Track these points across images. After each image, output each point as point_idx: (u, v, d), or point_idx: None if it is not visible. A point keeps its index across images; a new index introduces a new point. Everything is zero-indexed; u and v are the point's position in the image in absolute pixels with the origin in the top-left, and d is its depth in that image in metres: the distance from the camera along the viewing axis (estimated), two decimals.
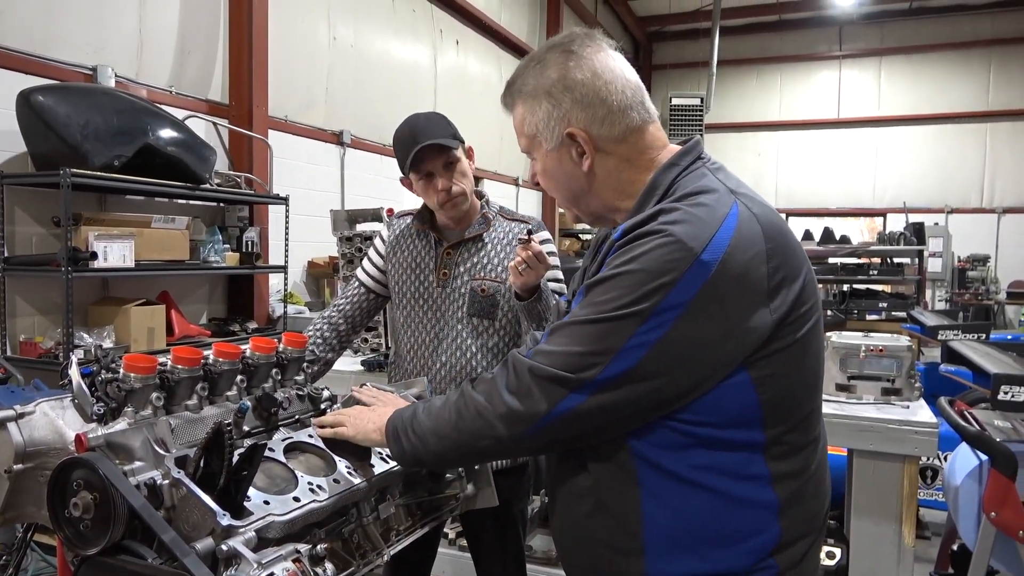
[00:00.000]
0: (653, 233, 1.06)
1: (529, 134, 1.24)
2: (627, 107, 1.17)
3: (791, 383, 1.10)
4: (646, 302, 1.03)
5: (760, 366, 1.06)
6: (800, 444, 1.14)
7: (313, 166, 5.98)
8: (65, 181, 3.36)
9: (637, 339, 1.03)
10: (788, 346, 1.08)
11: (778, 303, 1.06)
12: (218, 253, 4.45)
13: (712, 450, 1.08)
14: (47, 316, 3.87)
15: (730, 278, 1.03)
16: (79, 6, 4.02)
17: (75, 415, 1.22)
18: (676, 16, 13.02)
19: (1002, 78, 12.69)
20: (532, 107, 1.21)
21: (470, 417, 1.16)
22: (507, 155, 9.57)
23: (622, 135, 1.18)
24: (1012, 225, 12.59)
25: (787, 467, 1.11)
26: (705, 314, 1.03)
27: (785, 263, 1.08)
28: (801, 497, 1.14)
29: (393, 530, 1.47)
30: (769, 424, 1.09)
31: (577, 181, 1.22)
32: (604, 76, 1.17)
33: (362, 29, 6.53)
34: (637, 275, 1.04)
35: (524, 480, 2.10)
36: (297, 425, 1.49)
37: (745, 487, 1.09)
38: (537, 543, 3.16)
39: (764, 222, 1.09)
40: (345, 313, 2.13)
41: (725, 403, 1.07)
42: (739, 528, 1.10)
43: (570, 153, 1.19)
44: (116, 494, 1.03)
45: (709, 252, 1.03)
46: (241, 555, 0.99)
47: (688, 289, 1.02)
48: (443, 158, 1.94)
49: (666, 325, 1.02)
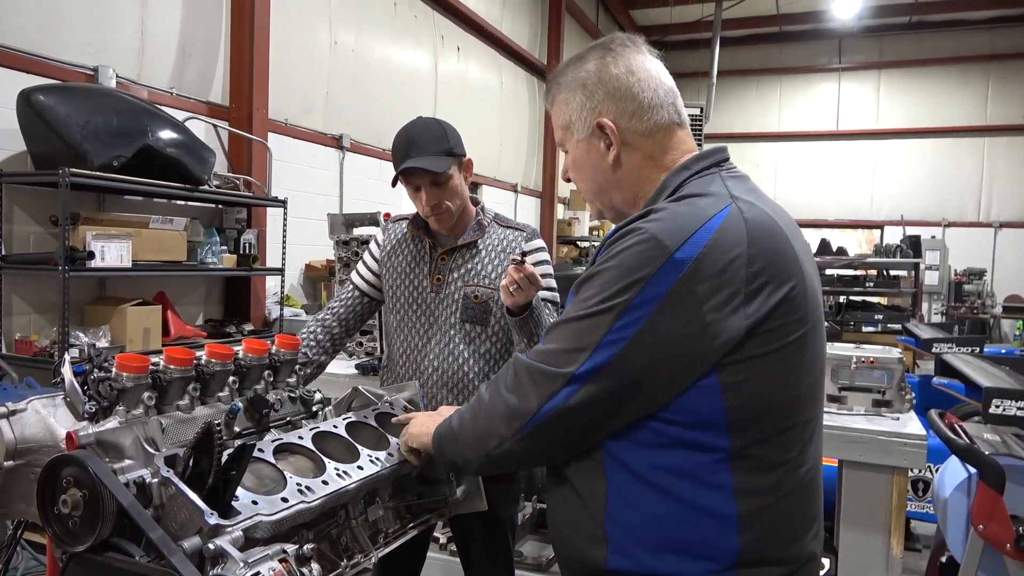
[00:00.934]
0: (634, 231, 1.10)
1: (564, 124, 1.28)
2: (657, 105, 1.22)
3: (766, 393, 1.09)
4: (620, 297, 1.06)
5: (732, 371, 1.06)
6: (774, 461, 1.11)
7: (312, 169, 6.00)
8: (64, 180, 3.37)
9: (613, 335, 1.06)
10: (764, 354, 1.07)
11: (754, 308, 1.05)
12: (215, 255, 4.46)
13: (678, 450, 1.09)
14: (43, 315, 3.88)
15: (704, 277, 1.04)
16: (81, 7, 4.04)
17: (67, 413, 1.24)
18: (677, 26, 13.08)
19: (1000, 93, 12.76)
20: (568, 98, 1.26)
21: (481, 418, 1.22)
22: (506, 161, 9.60)
23: (649, 131, 1.22)
24: (1009, 239, 12.64)
25: (755, 482, 1.09)
26: (678, 311, 1.04)
27: (769, 269, 1.07)
28: (768, 517, 1.10)
29: (382, 533, 1.48)
30: (735, 431, 1.07)
31: (603, 173, 1.26)
32: (638, 74, 1.22)
33: (363, 34, 6.56)
34: (614, 271, 1.08)
35: (513, 486, 2.11)
36: (288, 427, 1.50)
37: (706, 495, 1.08)
38: (528, 549, 3.17)
39: (754, 225, 1.09)
40: (339, 316, 2.15)
41: (694, 403, 1.07)
42: (696, 536, 1.09)
43: (599, 144, 1.24)
44: (105, 492, 1.04)
45: (684, 251, 1.05)
46: (228, 554, 1.00)
47: (661, 285, 1.04)
48: (431, 176, 1.95)
49: (640, 321, 1.05)
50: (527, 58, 9.91)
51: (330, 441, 1.42)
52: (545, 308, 1.97)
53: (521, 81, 10.02)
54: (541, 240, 2.14)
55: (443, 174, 1.95)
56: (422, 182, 1.95)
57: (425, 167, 1.91)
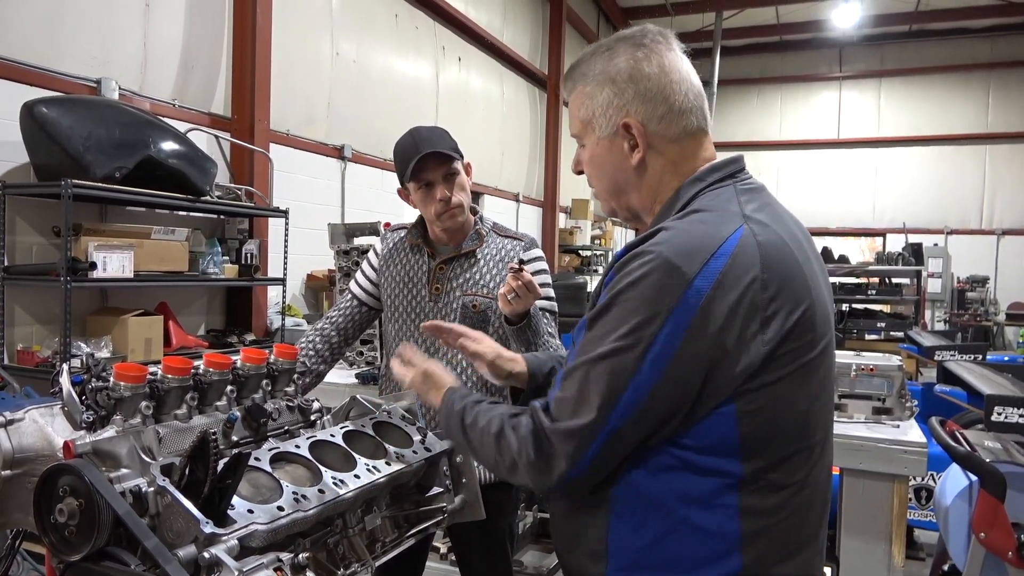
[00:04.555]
0: (645, 255, 1.05)
1: (584, 118, 1.22)
2: (688, 110, 1.17)
3: (778, 418, 1.07)
4: (643, 331, 1.03)
5: (748, 399, 1.04)
6: (780, 483, 1.09)
7: (314, 180, 6.03)
8: (66, 192, 3.39)
9: (642, 374, 1.03)
10: (778, 380, 1.05)
11: (771, 334, 1.04)
12: (217, 265, 4.48)
13: (687, 473, 1.08)
14: (45, 325, 3.89)
15: (723, 304, 1.01)
16: (84, 20, 4.08)
17: (64, 423, 1.24)
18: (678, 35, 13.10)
19: (1001, 100, 12.78)
20: (593, 91, 1.19)
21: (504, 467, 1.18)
22: (508, 171, 9.63)
23: (677, 137, 1.17)
24: (1011, 246, 12.63)
25: (760, 503, 1.08)
26: (702, 340, 1.01)
27: (782, 293, 1.05)
28: (769, 535, 1.09)
29: (379, 542, 1.48)
30: (747, 457, 1.06)
31: (623, 174, 1.20)
32: (671, 75, 1.17)
33: (365, 45, 6.60)
34: (632, 303, 1.04)
35: (512, 495, 2.11)
36: (286, 436, 1.50)
37: (710, 516, 1.07)
38: (528, 558, 3.16)
39: (767, 249, 1.06)
40: (337, 325, 2.15)
41: (709, 430, 1.06)
42: (698, 554, 1.08)
43: (622, 144, 1.18)
44: (101, 501, 1.04)
45: (702, 278, 1.02)
46: (223, 563, 1.00)
47: (684, 315, 1.01)
48: (444, 168, 1.96)
49: (668, 354, 1.02)
50: (528, 68, 9.95)
51: (327, 450, 1.42)
52: (543, 317, 1.97)
53: (522, 91, 10.06)
54: (540, 250, 2.15)
55: (455, 165, 1.97)
56: (436, 176, 1.96)
57: (442, 149, 1.93)
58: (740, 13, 11.84)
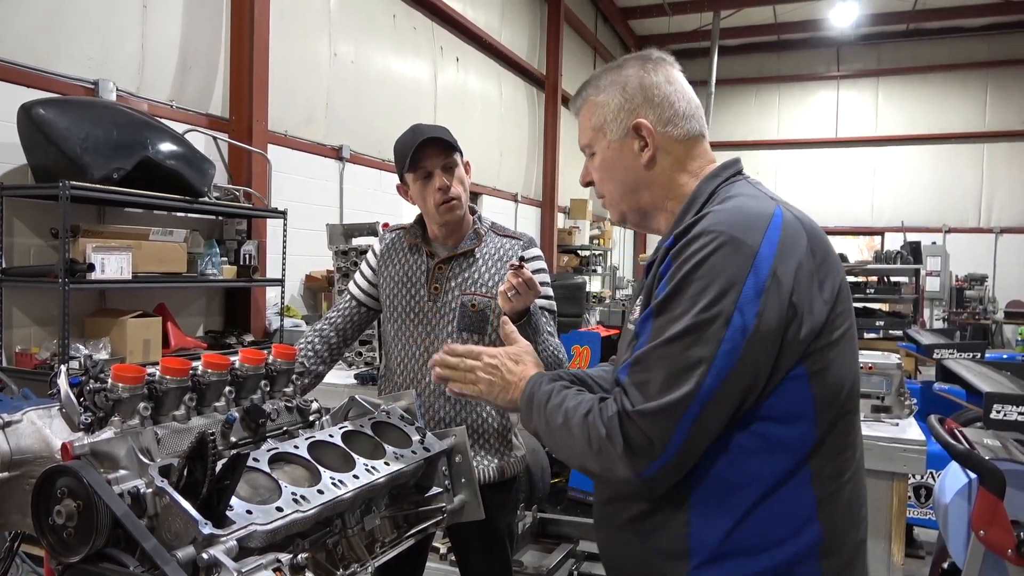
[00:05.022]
0: (706, 235, 1.10)
1: (595, 126, 1.30)
2: (690, 116, 1.28)
3: (838, 379, 1.13)
4: (722, 303, 1.06)
5: (814, 359, 1.10)
6: (841, 445, 1.16)
7: (312, 180, 6.02)
8: (64, 193, 3.39)
9: (728, 342, 1.05)
10: (835, 341, 1.12)
11: (827, 295, 1.11)
12: (216, 266, 4.47)
13: (765, 452, 1.11)
14: (44, 327, 3.89)
15: (789, 267, 1.08)
16: (82, 21, 4.07)
17: (62, 424, 1.24)
18: (675, 35, 13.15)
19: (998, 99, 12.80)
20: (605, 100, 1.29)
21: (592, 452, 1.13)
22: (506, 171, 9.63)
23: (682, 138, 1.27)
24: (1010, 245, 12.65)
25: (827, 467, 1.13)
26: (775, 304, 1.06)
27: (826, 261, 1.14)
28: (839, 500, 1.15)
29: (378, 542, 1.48)
30: (819, 419, 1.11)
31: (633, 173, 1.28)
32: (675, 85, 1.28)
33: (363, 46, 6.60)
34: (704, 279, 1.08)
35: (512, 494, 2.10)
36: (285, 437, 1.50)
37: (786, 490, 1.11)
38: (528, 559, 3.16)
39: (805, 223, 1.16)
40: (336, 326, 2.15)
41: (784, 396, 1.10)
42: (781, 530, 1.11)
43: (632, 145, 1.27)
44: (99, 502, 1.04)
45: (765, 246, 1.08)
46: (221, 563, 1.00)
47: (757, 283, 1.06)
48: (442, 158, 1.96)
49: (749, 322, 1.05)
50: (526, 68, 9.95)
51: (326, 450, 1.42)
52: (542, 316, 1.97)
53: (520, 91, 10.06)
54: (538, 249, 2.15)
55: (453, 156, 1.98)
56: (435, 165, 1.97)
57: (443, 136, 1.94)
58: (737, 13, 11.85)
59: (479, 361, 1.37)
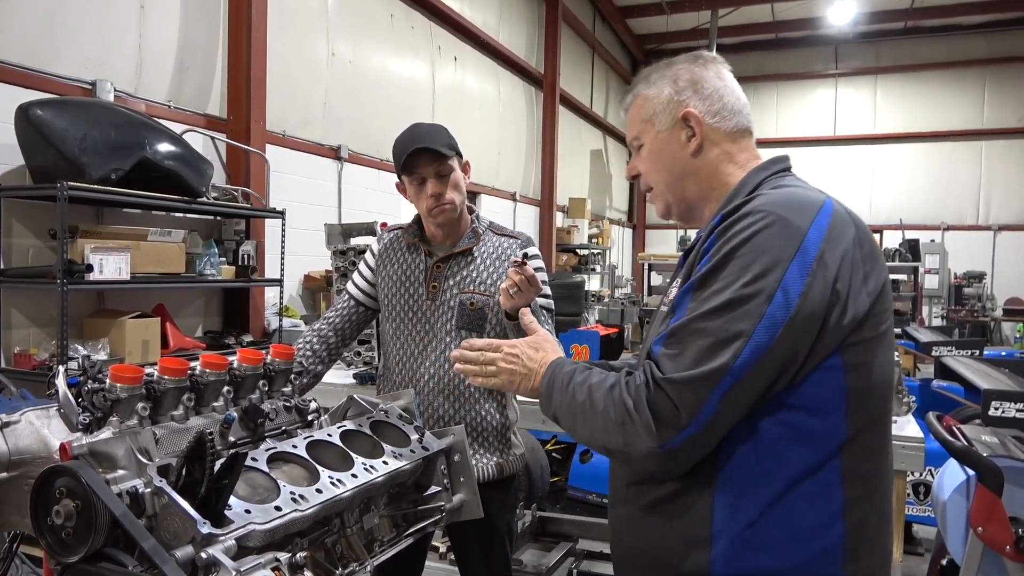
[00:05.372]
0: (754, 214, 1.11)
1: (644, 118, 1.32)
2: (739, 111, 1.31)
3: (876, 376, 1.12)
4: (766, 279, 1.06)
5: (854, 351, 1.09)
6: (875, 447, 1.15)
7: (310, 180, 6.02)
8: (62, 194, 3.39)
9: (768, 319, 1.05)
10: (875, 337, 1.12)
11: (871, 287, 1.11)
12: (214, 266, 4.47)
13: (794, 442, 1.09)
14: (42, 328, 3.89)
15: (836, 253, 1.08)
16: (80, 21, 4.07)
17: (61, 424, 1.24)
18: (673, 34, 13.15)
19: (996, 96, 12.81)
20: (655, 92, 1.31)
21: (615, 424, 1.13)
22: (505, 170, 9.63)
23: (730, 131, 1.29)
24: (1008, 242, 12.66)
25: (860, 467, 1.12)
26: (820, 287, 1.06)
27: (872, 255, 1.14)
28: (868, 501, 1.13)
29: (377, 541, 1.48)
30: (852, 414, 1.10)
31: (679, 163, 1.30)
32: (724, 80, 1.32)
33: (361, 45, 6.60)
34: (749, 255, 1.08)
35: (511, 493, 2.11)
36: (284, 436, 1.50)
37: (815, 484, 1.10)
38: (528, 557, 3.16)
39: (853, 216, 1.17)
40: (335, 326, 2.15)
41: (818, 386, 1.09)
42: (805, 525, 1.10)
43: (680, 135, 1.29)
44: (98, 502, 1.04)
45: (814, 229, 1.09)
46: (220, 563, 1.00)
47: (803, 263, 1.06)
48: (436, 165, 1.96)
49: (792, 300, 1.05)
50: (524, 67, 9.95)
51: (324, 450, 1.42)
52: (541, 314, 1.97)
53: (519, 90, 10.05)
54: (536, 248, 2.15)
55: (448, 163, 1.97)
56: (428, 172, 1.97)
57: (433, 147, 1.94)
58: (735, 11, 11.85)
59: (499, 352, 1.37)
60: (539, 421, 2.84)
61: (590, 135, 13.07)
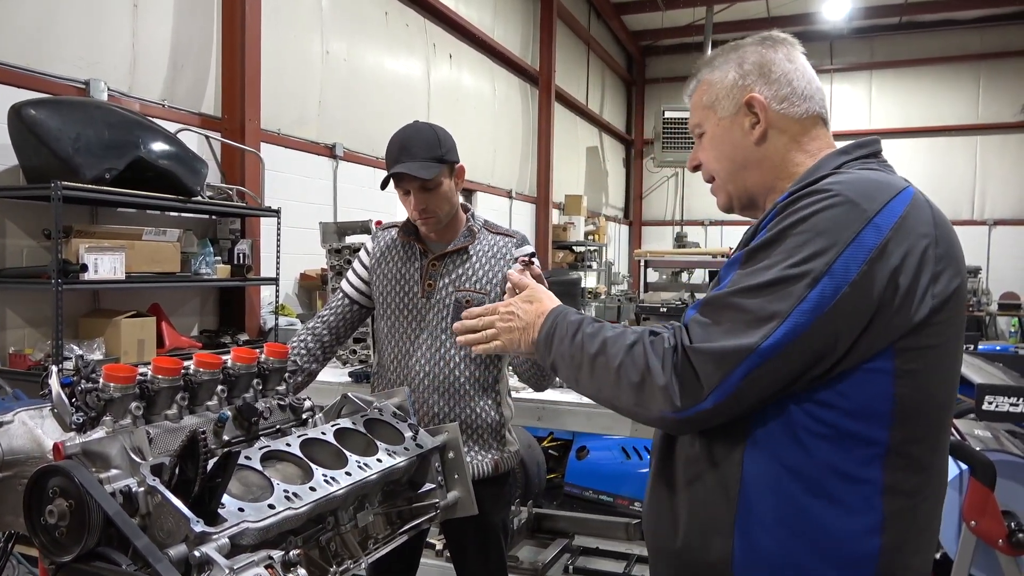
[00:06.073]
0: (822, 192, 1.04)
1: (708, 103, 1.25)
2: (810, 96, 1.21)
3: (932, 387, 1.05)
4: (816, 261, 1.00)
5: (908, 357, 1.02)
6: (925, 462, 1.07)
7: (306, 179, 6.01)
8: (56, 194, 3.38)
9: (810, 301, 0.99)
10: (936, 346, 1.04)
11: (939, 290, 1.02)
12: (209, 265, 4.47)
13: (834, 442, 1.03)
14: (37, 328, 3.88)
15: (903, 246, 1.00)
16: (73, 21, 4.06)
17: (54, 424, 1.24)
18: (669, 31, 13.14)
19: (991, 91, 12.83)
20: (719, 77, 1.24)
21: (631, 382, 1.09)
22: (500, 168, 9.62)
23: (799, 118, 1.20)
24: (1003, 237, 12.69)
25: (905, 481, 1.05)
26: (875, 278, 0.99)
27: (948, 255, 1.05)
28: (909, 519, 1.06)
29: (371, 538, 1.48)
30: (898, 423, 1.03)
31: (742, 151, 1.22)
32: (795, 62, 1.22)
33: (355, 43, 6.59)
34: (805, 234, 1.01)
35: (506, 490, 2.11)
36: (278, 435, 1.51)
37: (853, 490, 1.04)
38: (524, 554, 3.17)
39: (936, 212, 1.08)
40: (329, 324, 2.15)
41: (862, 389, 1.02)
42: (836, 532, 1.04)
43: (743, 122, 1.21)
44: (91, 501, 1.05)
45: (882, 217, 1.01)
46: (213, 561, 1.01)
47: (861, 250, 0.99)
48: (420, 181, 1.95)
49: (840, 287, 0.99)
50: (520, 64, 9.94)
51: (318, 448, 1.43)
52: None
53: (514, 87, 10.05)
54: (531, 246, 2.15)
55: (431, 180, 1.95)
56: (411, 186, 1.97)
57: (413, 173, 1.91)
58: (731, 7, 11.85)
59: (496, 315, 1.34)
60: (535, 418, 2.85)
61: (586, 132, 13.07)
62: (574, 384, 1.21)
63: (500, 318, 1.33)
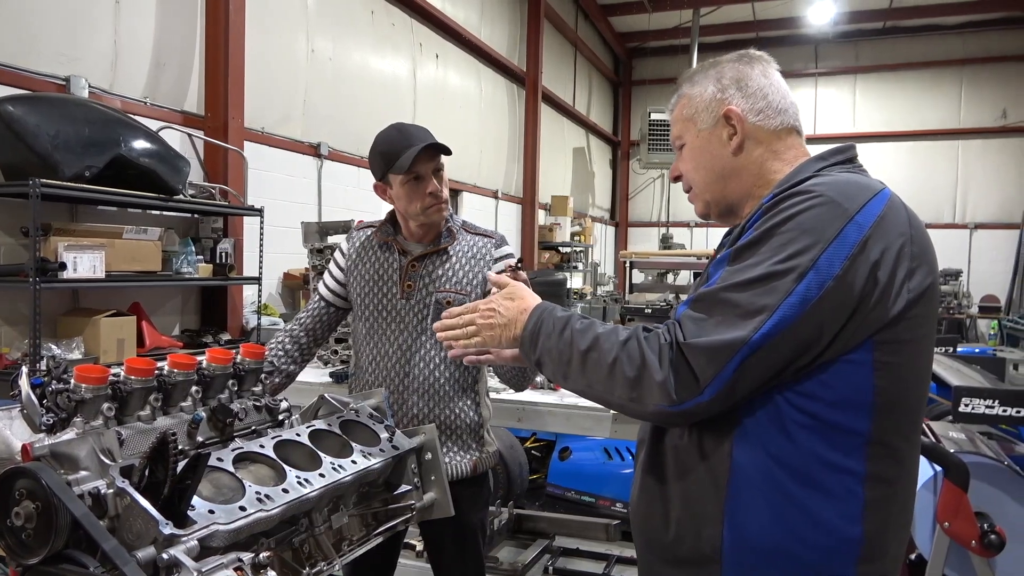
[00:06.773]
0: (805, 193, 1.10)
1: (687, 116, 1.31)
2: (784, 109, 1.28)
3: (910, 379, 1.11)
4: (802, 257, 1.05)
5: (886, 350, 1.08)
6: (903, 452, 1.13)
7: (290, 178, 5.98)
8: (34, 191, 3.35)
9: (796, 296, 1.04)
10: (911, 340, 1.09)
11: (914, 285, 1.08)
12: (191, 264, 4.44)
13: (818, 433, 1.09)
14: (14, 327, 3.84)
15: (881, 243, 1.06)
16: (53, 16, 4.02)
17: (23, 426, 1.23)
18: (655, 33, 13.18)
19: (973, 96, 12.97)
20: (699, 91, 1.30)
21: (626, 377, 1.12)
22: (487, 168, 9.62)
23: (775, 129, 1.26)
24: (984, 240, 12.83)
25: (885, 471, 1.11)
26: (858, 274, 1.05)
27: (923, 253, 1.11)
28: (889, 506, 1.12)
29: (346, 540, 1.48)
30: (878, 414, 1.09)
31: (720, 161, 1.27)
32: (770, 78, 1.29)
33: (341, 42, 6.56)
34: (790, 232, 1.07)
35: (484, 490, 2.11)
36: (253, 436, 1.50)
37: (836, 479, 1.09)
38: (504, 555, 3.17)
39: (910, 212, 1.14)
40: (306, 327, 2.14)
41: (842, 380, 1.08)
42: (820, 521, 1.09)
43: (721, 134, 1.27)
44: (58, 503, 1.04)
45: (863, 215, 1.07)
46: (181, 563, 1.00)
47: (844, 247, 1.05)
48: (434, 163, 1.96)
49: (825, 282, 1.04)
50: (506, 65, 9.94)
51: (292, 449, 1.42)
52: None
53: (501, 88, 10.05)
54: (510, 247, 2.15)
55: (442, 160, 1.98)
56: (426, 169, 1.96)
57: (439, 144, 1.93)
58: (717, 10, 11.91)
59: (476, 312, 1.36)
60: (516, 419, 2.85)
61: (572, 133, 13.09)
62: (562, 380, 1.24)
63: (480, 315, 1.35)
